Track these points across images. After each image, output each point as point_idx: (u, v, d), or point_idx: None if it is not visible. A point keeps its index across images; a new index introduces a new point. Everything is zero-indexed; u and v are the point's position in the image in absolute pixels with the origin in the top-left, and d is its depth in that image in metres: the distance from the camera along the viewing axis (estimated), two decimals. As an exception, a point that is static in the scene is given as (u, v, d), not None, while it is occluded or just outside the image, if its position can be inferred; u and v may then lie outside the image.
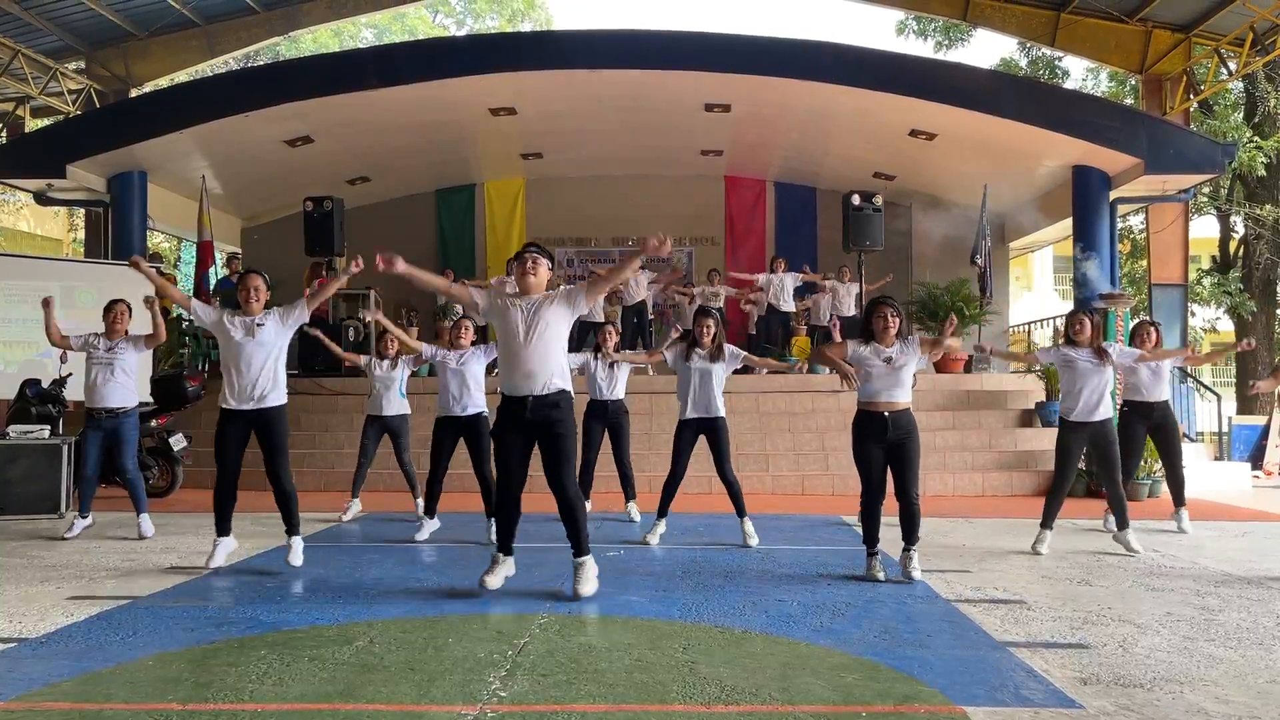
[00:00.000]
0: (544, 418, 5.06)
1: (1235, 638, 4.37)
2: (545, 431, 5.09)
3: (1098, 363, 6.69)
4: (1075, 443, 6.75)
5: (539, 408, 5.04)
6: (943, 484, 10.58)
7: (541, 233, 16.56)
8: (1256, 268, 17.86)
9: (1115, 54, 16.60)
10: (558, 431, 5.09)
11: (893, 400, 5.56)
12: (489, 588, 5.13)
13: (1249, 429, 14.50)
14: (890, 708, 3.39)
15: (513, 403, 5.10)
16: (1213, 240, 20.22)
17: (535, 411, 5.04)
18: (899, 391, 5.57)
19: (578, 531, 5.18)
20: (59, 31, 16.07)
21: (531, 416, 5.04)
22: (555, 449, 5.11)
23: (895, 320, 5.64)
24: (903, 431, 5.55)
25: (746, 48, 12.19)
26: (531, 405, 5.03)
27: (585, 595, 5.06)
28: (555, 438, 5.10)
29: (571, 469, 5.18)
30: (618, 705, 3.41)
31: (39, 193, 13.60)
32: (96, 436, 7.17)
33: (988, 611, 4.88)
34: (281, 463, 5.83)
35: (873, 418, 5.59)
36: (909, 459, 5.57)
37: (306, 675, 3.74)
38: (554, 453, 5.12)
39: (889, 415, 5.55)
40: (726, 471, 6.87)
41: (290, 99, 12.47)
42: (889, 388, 5.56)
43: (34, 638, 4.32)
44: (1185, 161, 12.29)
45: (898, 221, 15.62)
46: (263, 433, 5.78)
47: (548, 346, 5.06)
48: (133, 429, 7.31)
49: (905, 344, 5.64)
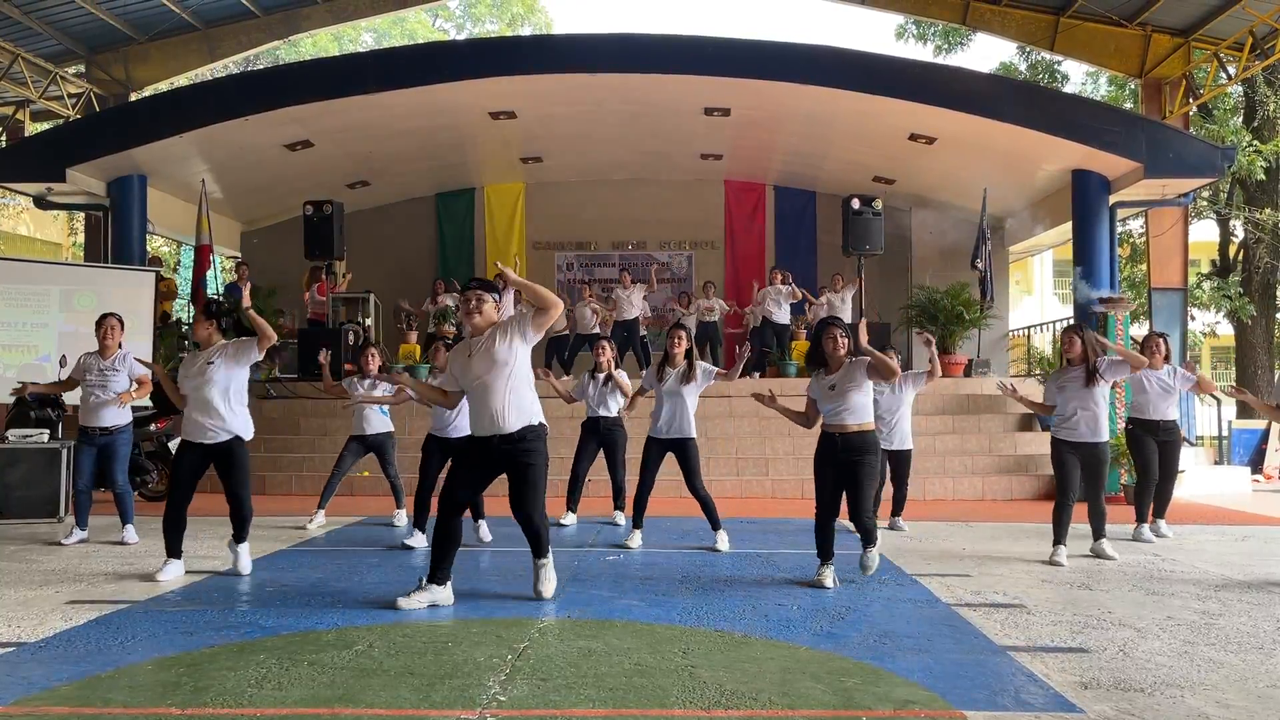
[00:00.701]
0: (510, 450, 4.96)
1: (1236, 642, 4.36)
2: (512, 462, 4.99)
3: (1086, 385, 6.56)
4: (1069, 457, 6.63)
5: (505, 443, 4.96)
6: (942, 488, 10.58)
7: (541, 237, 16.60)
8: (1256, 272, 17.87)
9: (1114, 58, 16.61)
10: (525, 461, 4.98)
11: (842, 424, 5.65)
12: (400, 608, 4.89)
13: (1249, 433, 14.49)
14: (890, 712, 3.38)
15: (479, 442, 5.05)
16: (1212, 244, 20.23)
17: (501, 447, 4.97)
18: (848, 415, 5.64)
19: (539, 540, 5.17)
20: (59, 35, 16.07)
21: (498, 453, 4.98)
22: (521, 479, 5.01)
23: (845, 340, 5.74)
24: (854, 453, 5.60)
25: (746, 52, 12.19)
26: (498, 443, 4.96)
27: (546, 596, 5.10)
28: (522, 468, 4.99)
29: (539, 498, 5.07)
30: (617, 709, 3.40)
31: (39, 197, 13.60)
32: (90, 452, 7.22)
33: (988, 616, 4.87)
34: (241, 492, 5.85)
35: (826, 439, 5.74)
36: (859, 481, 5.61)
37: (305, 680, 3.74)
38: (520, 483, 5.02)
39: (839, 437, 5.65)
40: (698, 488, 6.97)
41: (290, 103, 12.47)
42: (838, 411, 5.66)
43: (32, 642, 4.31)
44: (1185, 165, 12.29)
45: (898, 225, 15.64)
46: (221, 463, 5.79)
47: (506, 384, 4.92)
48: (125, 445, 7.34)
49: (849, 367, 5.68)
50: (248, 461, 5.89)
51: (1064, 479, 6.70)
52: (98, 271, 12.32)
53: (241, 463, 5.82)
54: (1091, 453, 6.59)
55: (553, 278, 16.17)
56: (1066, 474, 6.66)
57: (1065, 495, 6.68)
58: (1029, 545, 7.22)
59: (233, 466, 5.78)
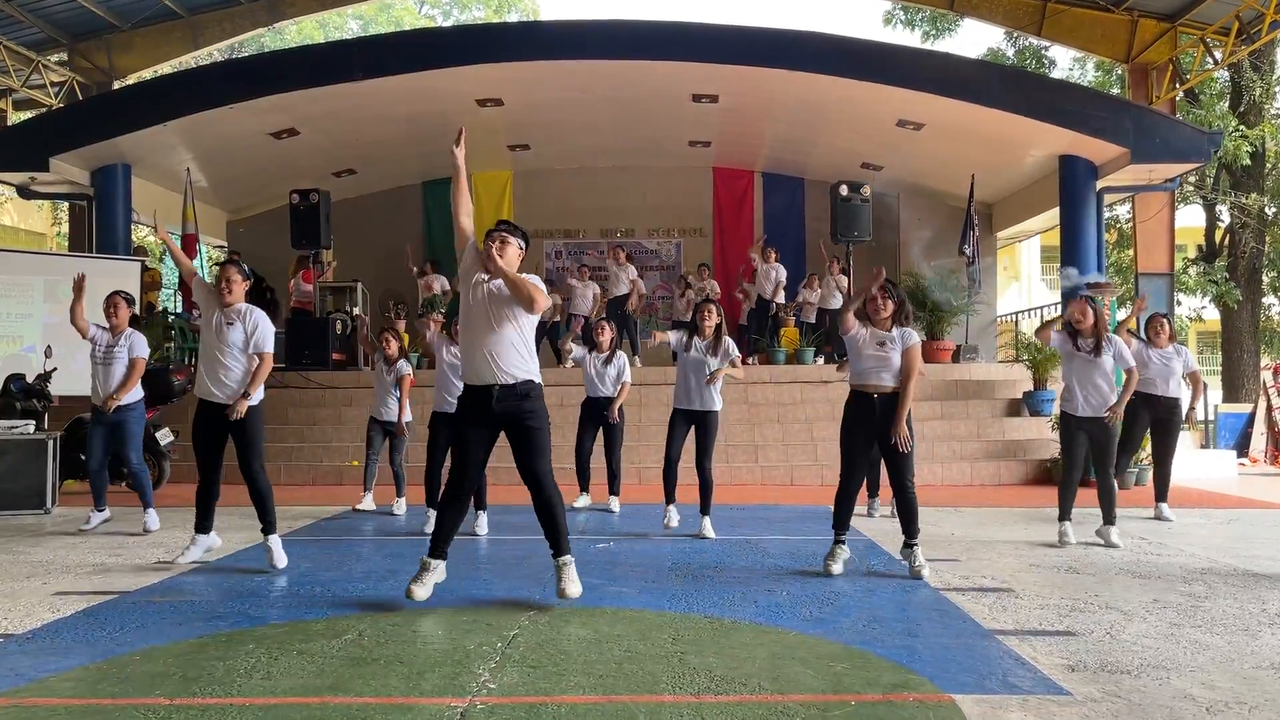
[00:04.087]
0: (514, 408, 4.64)
1: (1221, 624, 4.40)
2: (515, 423, 4.66)
3: (1094, 356, 6.47)
4: (1077, 434, 6.56)
5: (507, 396, 4.63)
6: (931, 473, 10.62)
7: (529, 225, 16.26)
8: (1242, 257, 17.93)
9: (1102, 43, 16.64)
10: (530, 424, 4.66)
11: (881, 383, 5.43)
12: (416, 599, 4.61)
13: (1235, 417, 14.58)
14: (879, 696, 3.40)
15: (476, 393, 4.68)
16: (1198, 229, 20.29)
17: (503, 401, 4.62)
18: (888, 374, 5.42)
19: (556, 529, 4.76)
20: (40, 24, 15.93)
21: (499, 409, 4.63)
22: (528, 441, 4.67)
23: (889, 304, 5.50)
24: (894, 416, 5.39)
25: (734, 38, 12.17)
26: (499, 395, 4.62)
27: (572, 596, 4.68)
28: (527, 430, 4.66)
29: (547, 462, 4.73)
30: (607, 696, 3.41)
31: (22, 186, 13.50)
32: (100, 430, 7.18)
33: (976, 600, 4.89)
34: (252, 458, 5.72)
35: (862, 399, 5.49)
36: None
37: (295, 669, 3.73)
38: (527, 445, 4.68)
39: (877, 399, 5.42)
40: (705, 467, 6.93)
41: (275, 91, 12.39)
42: (878, 370, 5.43)
43: (20, 634, 4.29)
44: (1171, 151, 12.33)
45: (885, 212, 15.65)
46: (233, 428, 5.68)
47: (515, 330, 4.66)
48: (137, 423, 7.29)
49: (902, 331, 5.47)
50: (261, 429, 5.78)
51: (1071, 456, 6.62)
52: (82, 262, 12.21)
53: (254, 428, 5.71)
54: (1099, 426, 6.49)
55: (541, 266, 16.14)
56: (1075, 450, 6.58)
57: (1071, 473, 6.63)
58: (1017, 530, 7.26)
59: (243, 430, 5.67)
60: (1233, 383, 17.63)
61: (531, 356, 4.75)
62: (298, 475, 11.01)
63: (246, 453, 5.71)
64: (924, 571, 5.43)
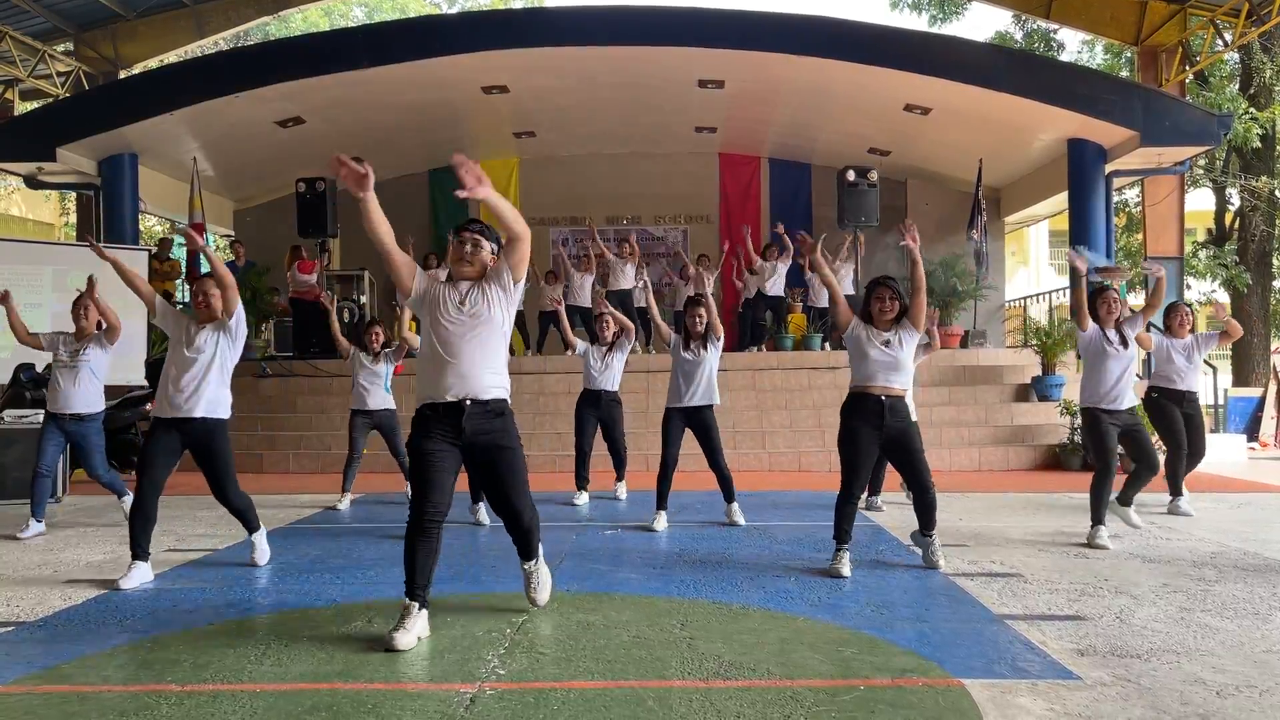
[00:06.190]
0: (486, 428, 4.01)
1: (1231, 608, 4.39)
2: (490, 444, 4.03)
3: (1120, 349, 6.15)
4: (1108, 428, 6.13)
5: (480, 415, 4.00)
6: (939, 459, 10.59)
7: (535, 211, 16.49)
8: (1252, 240, 17.83)
9: (1110, 26, 16.51)
10: (504, 445, 4.05)
11: (888, 385, 5.16)
12: (399, 648, 3.78)
13: (1245, 401, 14.54)
14: (889, 681, 3.40)
15: (441, 410, 3.99)
16: (1208, 213, 20.18)
17: (474, 420, 3.98)
18: (895, 376, 5.16)
19: (529, 542, 4.33)
20: (46, 13, 15.92)
21: (469, 428, 3.97)
22: (506, 466, 4.09)
23: (894, 304, 5.25)
24: (903, 418, 5.18)
25: (740, 23, 12.10)
26: (469, 410, 3.97)
27: (543, 603, 4.40)
28: (501, 452, 4.05)
29: (527, 488, 4.20)
30: (616, 681, 3.42)
31: (29, 176, 13.53)
32: (57, 436, 6.78)
33: (985, 585, 4.89)
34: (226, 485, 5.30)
35: (866, 401, 5.18)
36: (917, 449, 5.22)
37: (305, 655, 3.74)
38: (505, 472, 4.10)
39: (885, 400, 5.14)
40: (720, 464, 6.78)
41: (281, 79, 12.39)
42: (885, 370, 5.17)
43: (31, 621, 4.32)
44: (1181, 133, 12.25)
45: (893, 197, 15.58)
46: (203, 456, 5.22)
47: (492, 337, 4.05)
48: (97, 434, 6.88)
49: (906, 329, 5.24)
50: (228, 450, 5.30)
51: (1103, 456, 6.12)
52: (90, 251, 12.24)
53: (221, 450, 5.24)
54: (1128, 419, 6.17)
55: (547, 253, 16.11)
56: (1107, 451, 6.10)
57: (1106, 474, 6.09)
58: (1025, 516, 7.25)
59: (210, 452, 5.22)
60: (1242, 367, 17.57)
61: (505, 372, 4.16)
62: (306, 463, 11.04)
63: (221, 480, 5.27)
64: (940, 563, 5.32)
